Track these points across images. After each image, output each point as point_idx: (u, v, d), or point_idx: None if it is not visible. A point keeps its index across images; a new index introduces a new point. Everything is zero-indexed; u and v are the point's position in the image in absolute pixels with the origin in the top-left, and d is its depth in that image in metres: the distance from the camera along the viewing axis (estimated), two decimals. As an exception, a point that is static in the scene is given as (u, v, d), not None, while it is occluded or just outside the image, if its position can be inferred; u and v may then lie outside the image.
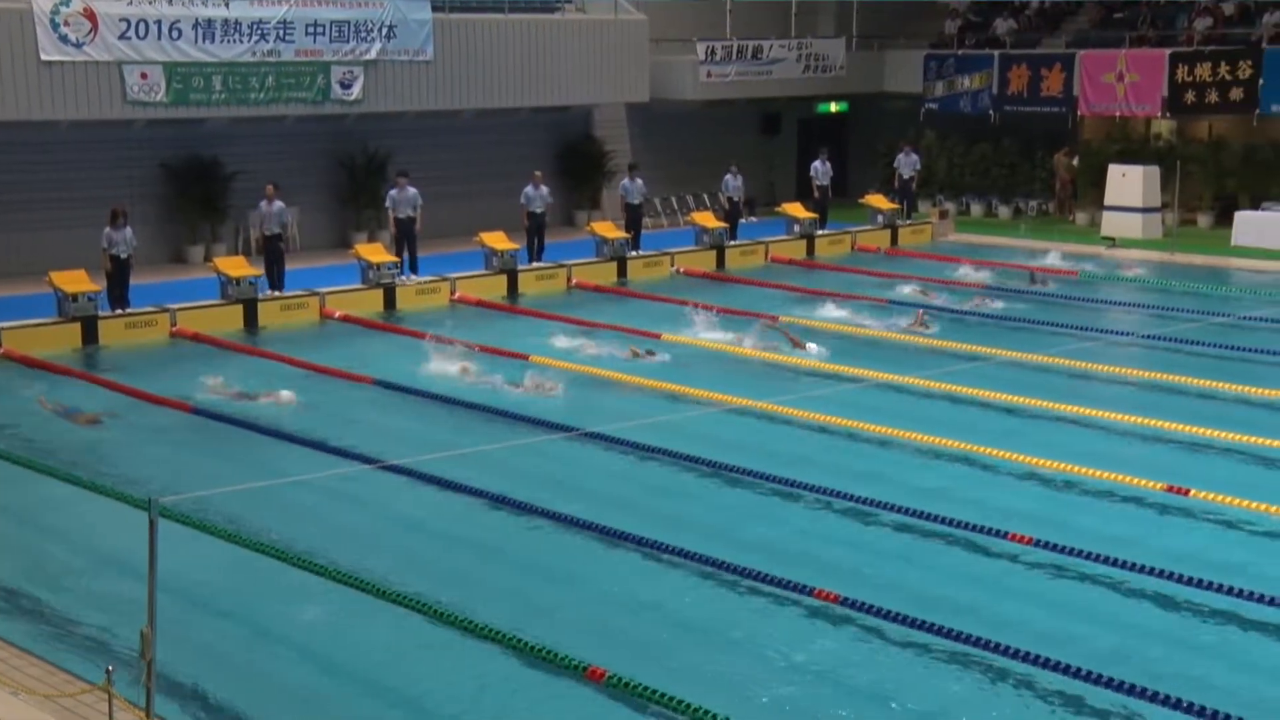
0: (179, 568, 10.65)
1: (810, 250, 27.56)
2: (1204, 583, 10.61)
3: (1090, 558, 11.16)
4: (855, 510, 12.60)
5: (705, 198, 30.84)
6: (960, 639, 9.75)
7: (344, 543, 11.98)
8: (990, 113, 32.05)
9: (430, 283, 23.11)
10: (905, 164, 30.22)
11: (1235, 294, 23.25)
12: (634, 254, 25.65)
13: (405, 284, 22.81)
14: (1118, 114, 30.54)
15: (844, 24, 34.71)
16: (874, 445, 14.72)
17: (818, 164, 29.23)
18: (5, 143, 23.36)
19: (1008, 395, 16.25)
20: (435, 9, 26.73)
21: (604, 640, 10.06)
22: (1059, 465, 13.56)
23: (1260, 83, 28.26)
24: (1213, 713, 8.63)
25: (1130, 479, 13.09)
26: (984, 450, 14.11)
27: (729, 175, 28.03)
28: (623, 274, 25.05)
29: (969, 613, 10.33)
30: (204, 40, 24.00)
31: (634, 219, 26.47)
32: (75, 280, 20.05)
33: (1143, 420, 15.23)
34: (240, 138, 25.71)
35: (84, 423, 15.61)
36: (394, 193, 23.66)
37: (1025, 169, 32.19)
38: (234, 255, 23.42)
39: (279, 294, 21.91)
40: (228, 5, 24.18)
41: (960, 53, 32.87)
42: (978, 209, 32.77)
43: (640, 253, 25.89)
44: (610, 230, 25.65)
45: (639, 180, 26.66)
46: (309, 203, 26.44)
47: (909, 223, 29.52)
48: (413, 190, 23.55)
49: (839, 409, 15.64)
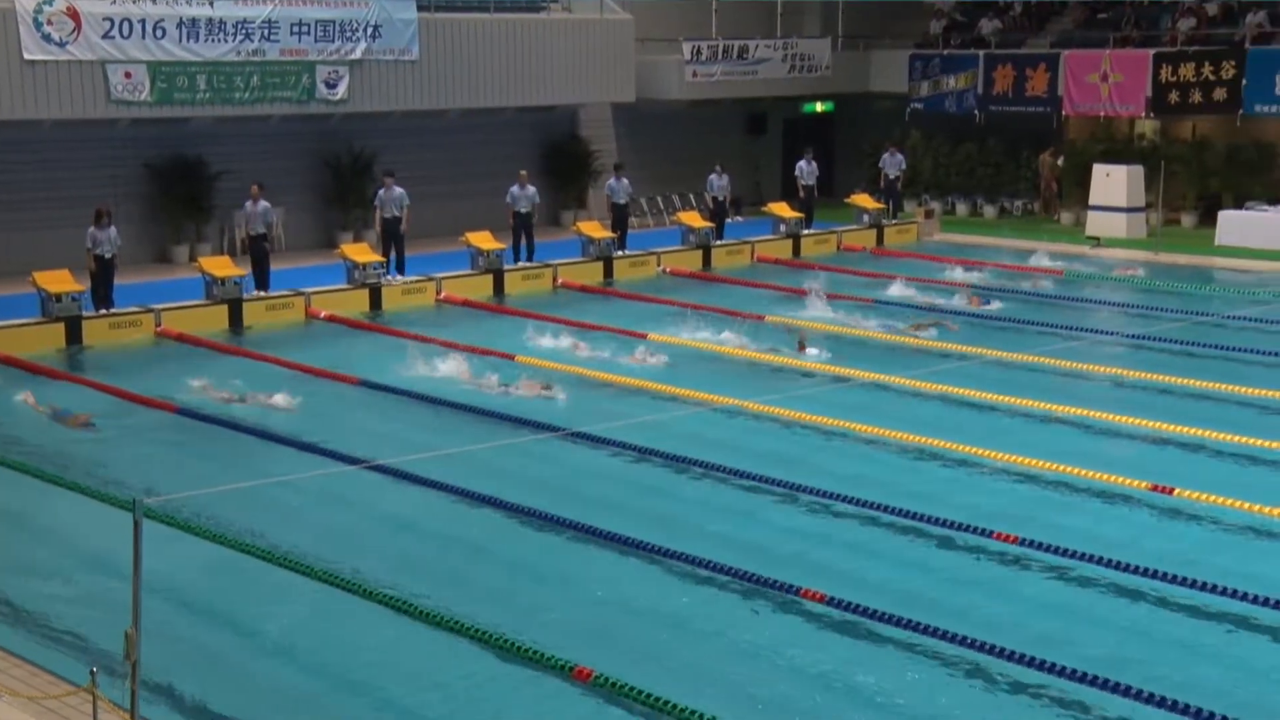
0: (163, 569, 10.61)
1: (796, 250, 27.60)
2: (1191, 581, 10.64)
3: (1076, 557, 11.19)
4: (843, 510, 12.60)
5: (691, 197, 30.84)
6: (948, 638, 9.77)
7: (330, 543, 11.95)
8: (975, 112, 32.12)
9: (416, 283, 23.08)
10: (891, 164, 30.27)
11: (1219, 293, 23.34)
12: (620, 254, 25.65)
13: (391, 284, 22.77)
14: (1102, 114, 30.64)
15: (829, 24, 34.77)
16: (861, 445, 14.73)
17: (802, 164, 29.29)
18: (-12, 142, 23.32)
19: (993, 395, 16.27)
20: (420, 8, 26.69)
21: (591, 640, 10.04)
22: (1044, 464, 13.58)
23: (1243, 83, 28.38)
24: (1202, 713, 8.65)
25: (1115, 478, 13.11)
26: (970, 450, 14.13)
27: (714, 175, 28.05)
28: (609, 274, 25.05)
29: (957, 613, 10.34)
30: (188, 39, 23.92)
31: (620, 219, 26.47)
32: (59, 280, 19.97)
33: (1127, 419, 15.28)
34: (225, 137, 25.64)
35: (75, 425, 15.51)
36: (381, 192, 23.64)
37: (1010, 169, 32.27)
38: (219, 255, 23.35)
39: (264, 294, 21.85)
40: (212, 4, 24.10)
41: (945, 53, 32.94)
42: (963, 209, 32.85)
43: (627, 252, 25.91)
44: (596, 230, 25.64)
45: (625, 180, 26.65)
46: (294, 203, 26.39)
47: (894, 222, 29.58)
48: (399, 190, 23.52)
49: (826, 409, 15.66)
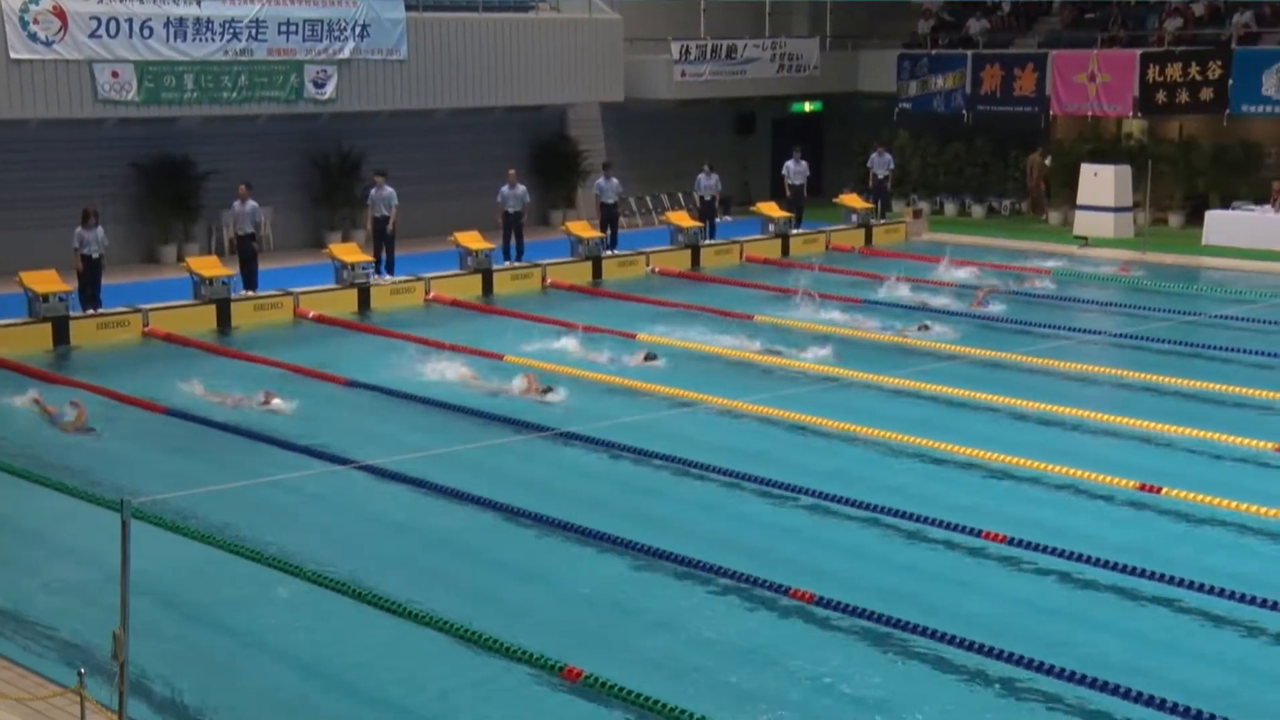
0: (152, 569, 10.59)
1: (785, 249, 27.62)
2: (1179, 580, 10.66)
3: (1064, 555, 11.21)
4: (830, 509, 12.62)
5: (680, 197, 30.85)
6: (937, 637, 9.79)
7: (319, 543, 11.94)
8: (963, 112, 32.17)
9: (405, 282, 23.06)
10: (879, 163, 30.30)
11: (1206, 292, 23.41)
12: (610, 253, 25.67)
13: (380, 283, 22.75)
14: (1089, 114, 30.71)
15: (818, 24, 34.80)
16: (846, 443, 14.75)
17: (790, 163, 29.32)
18: (-26, 142, 23.25)
19: (981, 394, 16.30)
20: (409, 8, 26.66)
21: (580, 640, 10.05)
22: (1032, 463, 13.61)
23: (1230, 83, 28.47)
24: (1188, 710, 8.68)
25: (1102, 477, 13.15)
26: (958, 449, 14.16)
27: (702, 175, 28.06)
28: (598, 274, 25.05)
29: (946, 611, 10.36)
30: (175, 39, 23.86)
31: (609, 218, 26.47)
32: (46, 280, 19.91)
33: (1114, 418, 15.32)
34: (213, 137, 25.57)
35: (72, 429, 15.37)
36: (373, 192, 23.64)
37: (998, 168, 32.33)
38: (207, 255, 23.32)
39: (252, 294, 21.81)
40: (199, 4, 24.03)
41: (934, 52, 32.99)
42: (951, 208, 32.90)
43: (617, 251, 25.91)
44: (585, 230, 25.63)
45: (614, 179, 26.65)
46: (282, 202, 26.35)
47: (883, 222, 29.62)
48: (389, 189, 23.51)
49: (813, 408, 15.67)
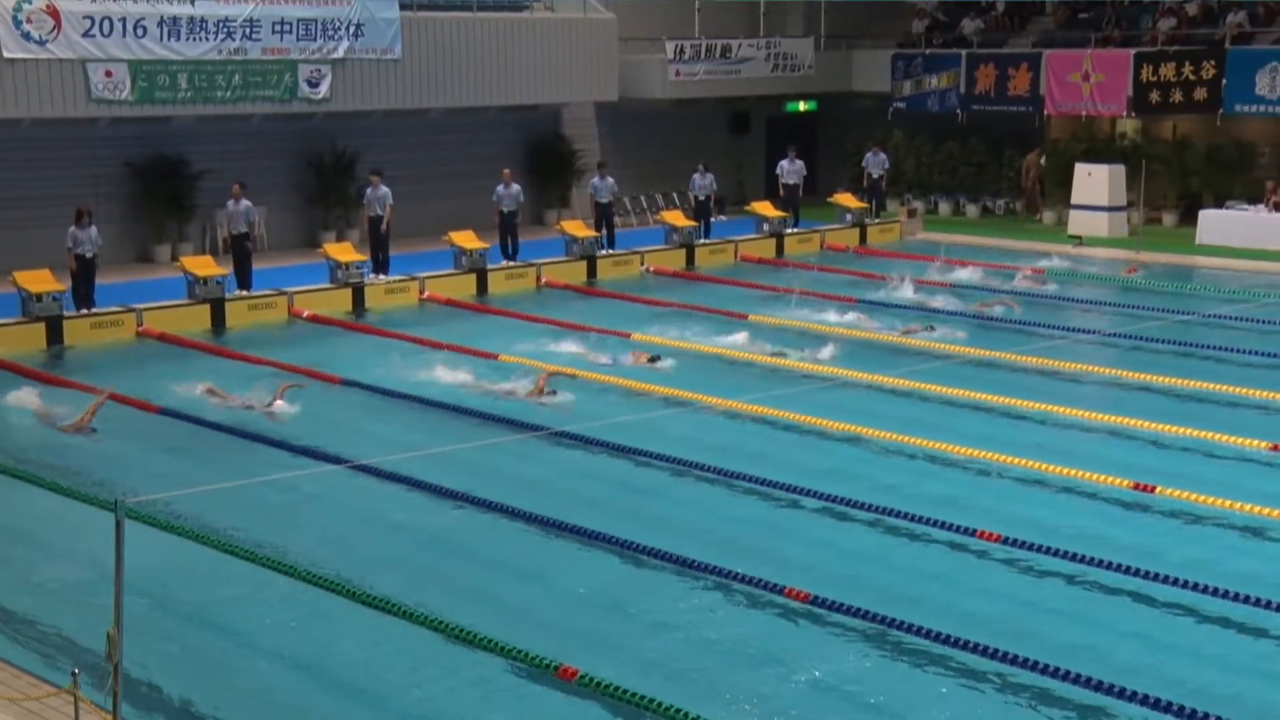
0: (146, 569, 10.58)
1: (780, 249, 27.63)
2: (1171, 579, 10.69)
3: (1059, 555, 11.23)
4: (825, 509, 12.62)
5: (674, 196, 30.85)
6: (929, 636, 9.80)
7: (314, 543, 11.93)
8: (958, 112, 32.19)
9: (399, 282, 23.04)
10: (874, 163, 30.32)
11: (1200, 292, 23.44)
12: (605, 252, 25.66)
13: (374, 283, 22.73)
14: (1084, 113, 30.74)
15: (812, 23, 34.81)
16: (842, 443, 14.76)
17: (784, 163, 29.33)
18: (-32, 141, 23.20)
19: (975, 393, 16.31)
20: (403, 7, 26.63)
21: (577, 640, 10.05)
22: (1026, 462, 13.63)
23: (1223, 83, 28.51)
24: (1184, 709, 8.69)
25: (1096, 476, 13.17)
26: (952, 449, 14.17)
27: (697, 174, 28.06)
28: (592, 273, 25.04)
29: (938, 611, 10.37)
30: (169, 38, 23.82)
31: (604, 217, 26.46)
32: (40, 280, 19.88)
33: (1108, 418, 15.33)
34: (206, 136, 25.54)
35: (72, 431, 15.31)
36: (369, 191, 23.63)
37: (993, 168, 32.34)
38: (201, 255, 23.28)
39: (247, 294, 21.79)
40: (193, 3, 23.98)
41: (928, 52, 33.00)
42: (946, 208, 32.92)
43: (613, 250, 25.91)
44: (580, 229, 25.62)
45: (609, 179, 26.64)
46: (276, 202, 26.32)
47: (877, 221, 29.64)
48: (384, 189, 23.51)
49: (808, 407, 15.67)
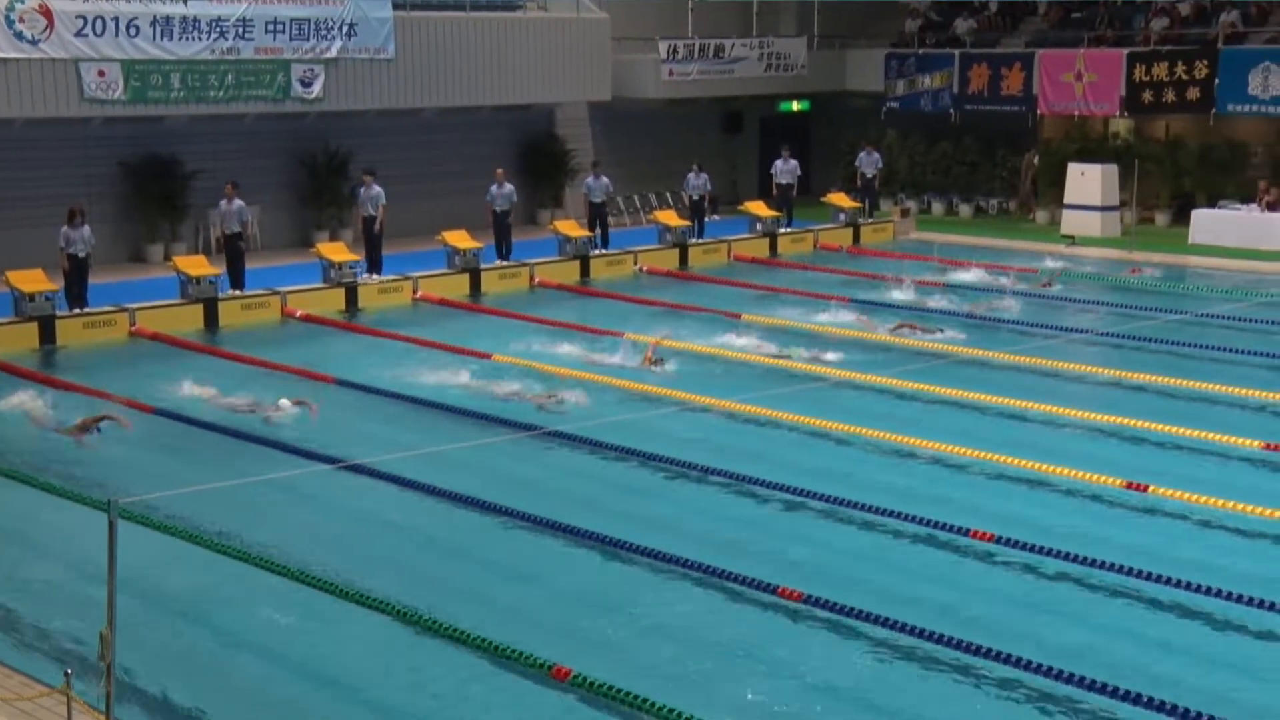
0: (140, 569, 10.56)
1: (773, 249, 27.64)
2: (1166, 579, 10.69)
3: (1053, 554, 11.23)
4: (821, 509, 12.62)
5: (668, 196, 30.85)
6: (925, 636, 9.81)
7: (308, 543, 11.92)
8: (951, 111, 32.22)
9: (392, 281, 23.02)
10: (867, 163, 30.35)
11: (1192, 291, 23.48)
12: (599, 252, 25.67)
13: (367, 283, 22.71)
14: (1076, 113, 30.77)
15: (805, 23, 34.83)
16: (838, 444, 14.75)
17: (778, 162, 29.35)
18: (-40, 141, 23.15)
19: (970, 393, 16.33)
20: (396, 7, 26.62)
21: (570, 639, 10.04)
22: (1020, 462, 13.63)
23: (1216, 82, 28.54)
24: (1177, 709, 8.70)
25: (1090, 475, 13.17)
26: (947, 448, 14.17)
27: (691, 174, 28.06)
28: (586, 273, 25.04)
29: (934, 611, 10.37)
30: (162, 38, 23.79)
31: (598, 217, 26.45)
32: (32, 280, 19.85)
33: (1101, 417, 15.35)
34: (200, 136, 25.51)
35: (71, 433, 15.15)
36: (361, 190, 23.62)
37: (986, 167, 32.38)
38: (194, 254, 23.26)
39: (240, 293, 21.77)
40: (186, 2, 23.96)
41: (921, 52, 33.03)
42: (939, 207, 32.93)
43: (608, 250, 25.90)
44: (573, 229, 25.62)
45: (604, 178, 26.63)
46: (269, 201, 26.29)
47: (871, 221, 29.65)
48: (377, 189, 23.49)
49: (804, 408, 15.67)
